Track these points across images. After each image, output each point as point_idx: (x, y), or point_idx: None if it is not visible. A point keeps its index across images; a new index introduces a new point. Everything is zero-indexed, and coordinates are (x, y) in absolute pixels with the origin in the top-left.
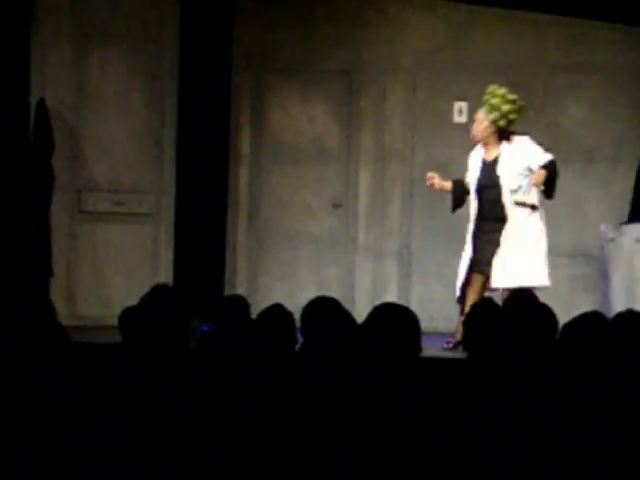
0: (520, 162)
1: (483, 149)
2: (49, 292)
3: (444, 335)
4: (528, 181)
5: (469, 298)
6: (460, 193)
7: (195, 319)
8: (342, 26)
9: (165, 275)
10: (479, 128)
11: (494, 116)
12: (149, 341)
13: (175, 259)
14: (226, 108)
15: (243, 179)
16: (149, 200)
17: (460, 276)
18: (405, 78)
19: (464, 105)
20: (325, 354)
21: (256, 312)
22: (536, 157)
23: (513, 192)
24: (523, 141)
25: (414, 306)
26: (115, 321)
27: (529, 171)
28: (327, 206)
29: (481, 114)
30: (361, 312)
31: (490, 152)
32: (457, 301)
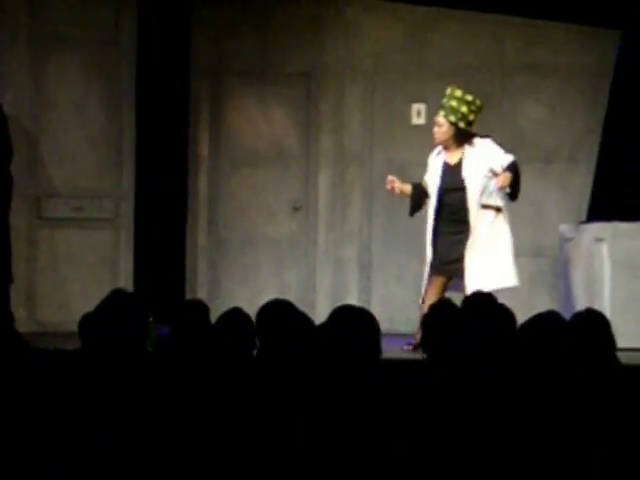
0: (484, 164)
1: (444, 152)
2: (9, 299)
3: (405, 337)
4: (494, 183)
5: (428, 298)
6: (419, 197)
7: (154, 323)
8: (300, 29)
9: (125, 280)
10: (440, 131)
11: (453, 119)
12: (107, 346)
13: (135, 264)
14: (184, 112)
15: (202, 183)
16: (108, 205)
17: (425, 278)
18: (363, 80)
19: (422, 107)
20: (282, 357)
21: (217, 316)
22: (498, 159)
23: (479, 195)
24: (485, 143)
25: (375, 308)
26: (76, 327)
27: (491, 173)
28: (287, 209)
29: (440, 117)
30: (322, 315)
31: (452, 155)
32: (422, 302)
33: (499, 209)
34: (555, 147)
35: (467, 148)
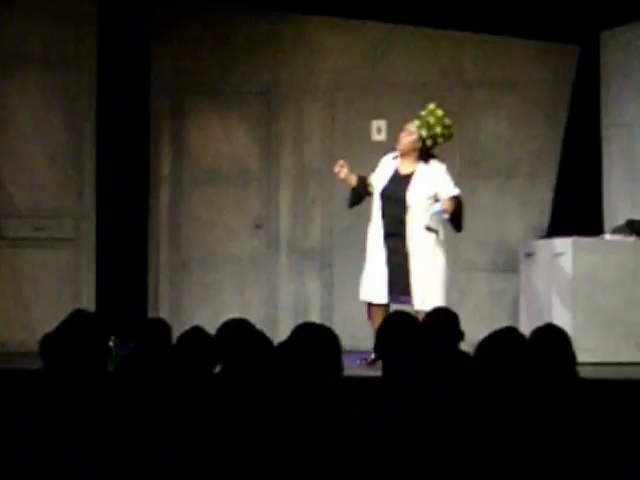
0: (431, 186)
1: (399, 160)
2: None
3: (367, 353)
4: (438, 206)
5: (374, 313)
6: (362, 191)
7: (116, 342)
8: (259, 47)
9: (87, 299)
10: (407, 139)
11: (424, 134)
12: (68, 366)
13: (97, 283)
14: (145, 130)
15: (164, 201)
16: (70, 225)
17: (367, 292)
18: (323, 97)
19: (382, 123)
20: (242, 376)
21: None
22: (446, 187)
23: (421, 213)
24: (439, 168)
25: (337, 324)
26: (37, 347)
27: (435, 198)
28: (249, 227)
29: (413, 127)
30: (285, 332)
31: (405, 166)
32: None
33: (438, 234)
34: (515, 162)
35: (421, 165)
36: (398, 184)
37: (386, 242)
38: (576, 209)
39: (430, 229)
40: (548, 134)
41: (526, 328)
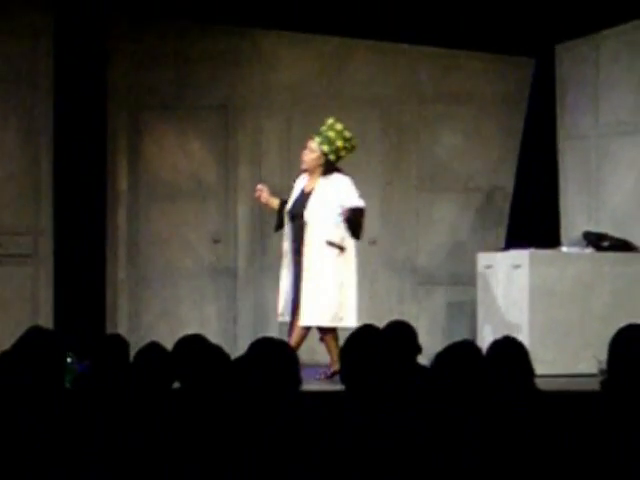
0: (333, 199)
1: (307, 177)
2: None
3: (325, 367)
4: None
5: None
6: (283, 214)
7: (73, 359)
8: (216, 62)
9: (45, 316)
10: (309, 157)
11: (326, 149)
12: (25, 383)
13: (55, 299)
14: (102, 146)
15: (121, 217)
16: (27, 241)
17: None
18: (280, 112)
19: None
20: (199, 391)
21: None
22: (347, 198)
23: (320, 228)
24: (342, 180)
25: None
26: None
27: (340, 210)
28: (207, 242)
29: (314, 144)
30: (244, 347)
31: (310, 182)
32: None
33: (342, 249)
34: (472, 175)
35: (321, 180)
36: (300, 202)
37: (292, 259)
38: (533, 221)
39: (332, 244)
40: (504, 146)
41: (484, 341)
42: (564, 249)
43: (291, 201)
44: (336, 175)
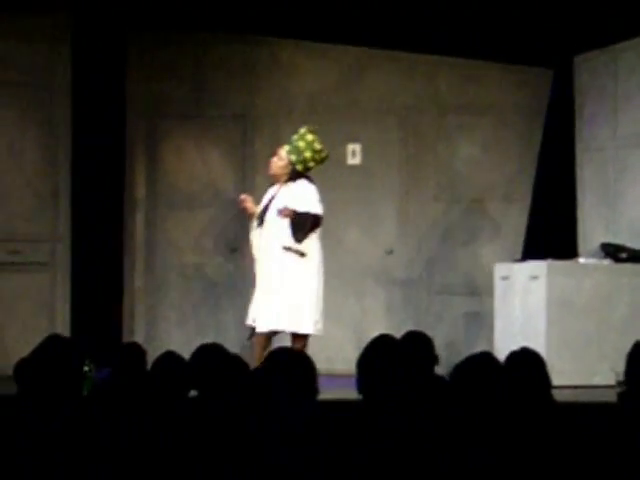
0: (291, 205)
1: (276, 185)
2: None
3: (342, 376)
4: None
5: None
6: None
7: (91, 366)
8: (235, 71)
9: (62, 323)
10: (277, 164)
11: (294, 158)
12: (43, 391)
13: (72, 307)
14: (121, 154)
15: (139, 225)
16: (45, 248)
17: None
18: (298, 121)
19: (357, 147)
20: (217, 400)
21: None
22: (303, 203)
23: (276, 233)
24: (305, 187)
25: (312, 348)
26: (12, 371)
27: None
28: (224, 250)
29: (283, 152)
30: None
31: (277, 189)
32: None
33: (303, 254)
34: (489, 186)
35: (285, 187)
36: (265, 209)
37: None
38: (550, 232)
39: (289, 249)
40: (522, 157)
41: (501, 351)
42: (582, 260)
43: (259, 208)
44: (301, 182)
